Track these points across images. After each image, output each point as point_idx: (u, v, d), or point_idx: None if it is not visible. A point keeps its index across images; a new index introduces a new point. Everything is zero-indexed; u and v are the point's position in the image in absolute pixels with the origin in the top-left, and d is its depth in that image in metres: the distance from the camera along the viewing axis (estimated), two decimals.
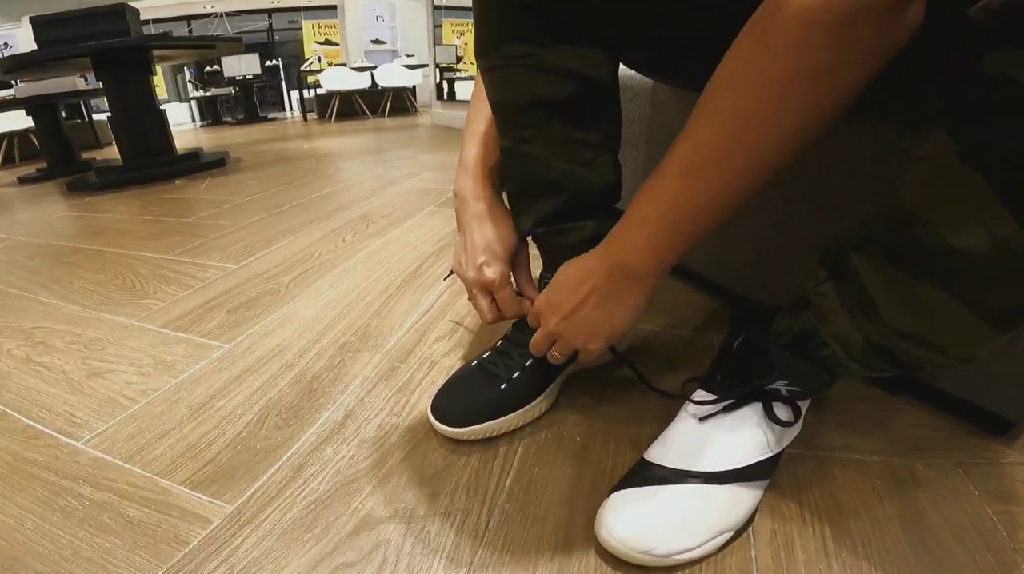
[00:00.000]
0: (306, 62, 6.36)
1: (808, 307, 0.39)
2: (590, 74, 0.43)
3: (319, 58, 6.41)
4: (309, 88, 5.87)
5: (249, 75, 5.64)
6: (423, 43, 6.94)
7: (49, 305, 0.99)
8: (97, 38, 2.06)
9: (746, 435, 0.41)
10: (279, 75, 6.92)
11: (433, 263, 1.04)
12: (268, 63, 5.89)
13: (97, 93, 2.80)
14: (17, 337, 0.86)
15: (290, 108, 7.23)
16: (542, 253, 0.55)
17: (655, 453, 0.44)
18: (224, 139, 4.23)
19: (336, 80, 5.32)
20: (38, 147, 3.20)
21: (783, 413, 0.42)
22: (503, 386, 0.53)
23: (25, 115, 2.98)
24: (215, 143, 3.86)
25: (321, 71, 5.56)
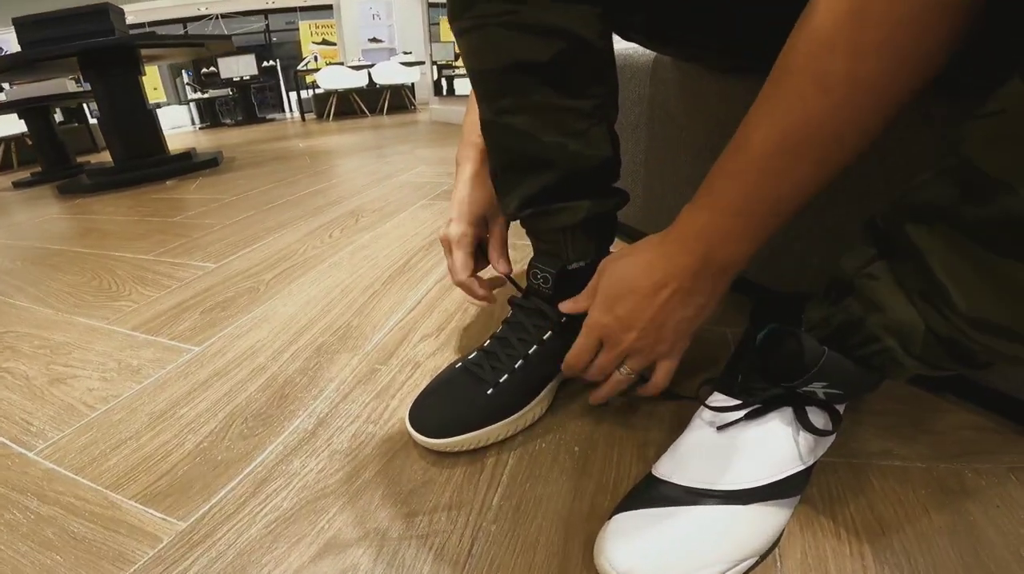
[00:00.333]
0: (302, 62, 6.33)
1: (852, 293, 0.32)
2: (578, 32, 0.38)
3: (315, 57, 6.37)
4: (307, 88, 5.84)
5: (246, 76, 5.61)
6: (420, 40, 6.91)
7: (22, 308, 0.96)
8: (81, 38, 2.02)
9: (774, 446, 0.35)
10: (277, 76, 6.90)
11: (423, 257, 0.98)
12: (265, 64, 5.85)
13: (88, 95, 2.76)
14: None
15: (289, 109, 7.21)
16: (532, 239, 0.49)
17: (665, 468, 0.37)
18: (220, 140, 4.20)
19: (333, 79, 5.28)
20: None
21: (819, 419, 0.36)
22: (490, 391, 0.46)
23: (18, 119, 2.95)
24: (211, 144, 3.82)
25: (318, 70, 5.52)
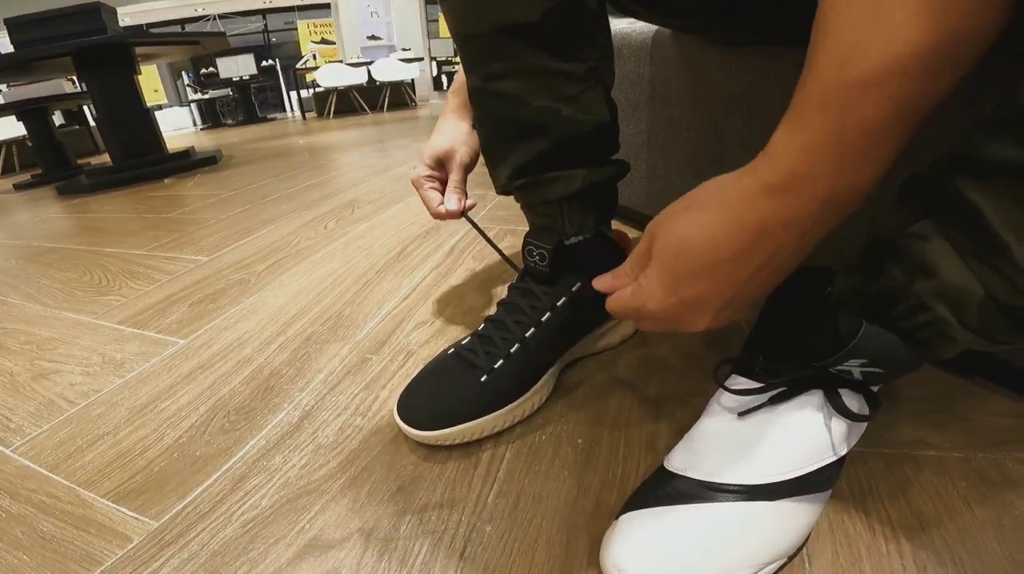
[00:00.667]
0: (301, 60, 6.30)
1: (895, 257, 0.28)
2: None
3: (314, 56, 6.34)
4: (307, 87, 5.82)
5: (245, 76, 5.60)
6: (419, 37, 6.87)
7: (12, 305, 0.94)
8: (74, 37, 2.00)
9: (804, 434, 0.31)
10: (277, 76, 6.88)
11: (419, 245, 0.95)
12: (264, 63, 5.84)
13: (85, 96, 2.74)
14: None
15: (290, 108, 7.19)
16: (526, 213, 0.45)
17: (678, 460, 0.33)
18: (221, 139, 4.18)
19: (332, 77, 5.25)
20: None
21: (853, 403, 0.32)
22: (483, 378, 0.43)
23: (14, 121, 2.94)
24: (211, 144, 3.81)
25: (317, 69, 5.49)
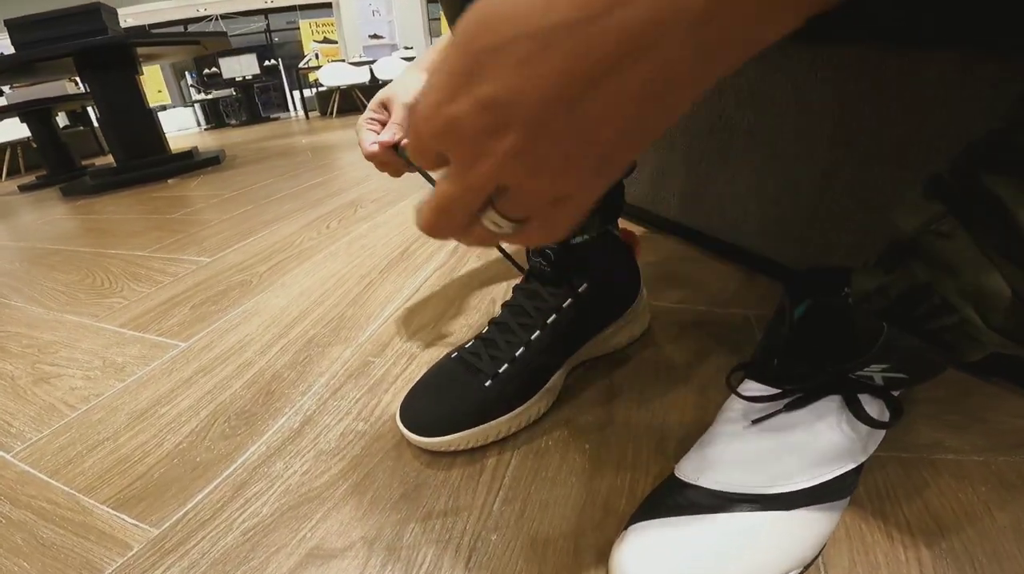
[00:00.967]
0: (303, 60, 6.30)
1: (917, 255, 0.27)
2: None
3: (316, 55, 6.33)
4: (310, 87, 5.81)
5: (248, 76, 5.60)
6: (421, 35, 6.85)
7: (15, 308, 0.94)
8: (74, 38, 2.00)
9: (821, 441, 0.30)
10: (280, 75, 6.88)
11: (422, 244, 0.94)
12: (267, 63, 5.83)
13: (88, 97, 2.74)
14: None
15: (293, 108, 7.19)
16: None
17: (690, 468, 0.32)
18: (224, 139, 4.19)
19: (335, 76, 5.25)
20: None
21: (874, 408, 0.30)
22: (488, 383, 0.42)
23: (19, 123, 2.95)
24: (215, 144, 3.81)
25: (319, 68, 5.49)
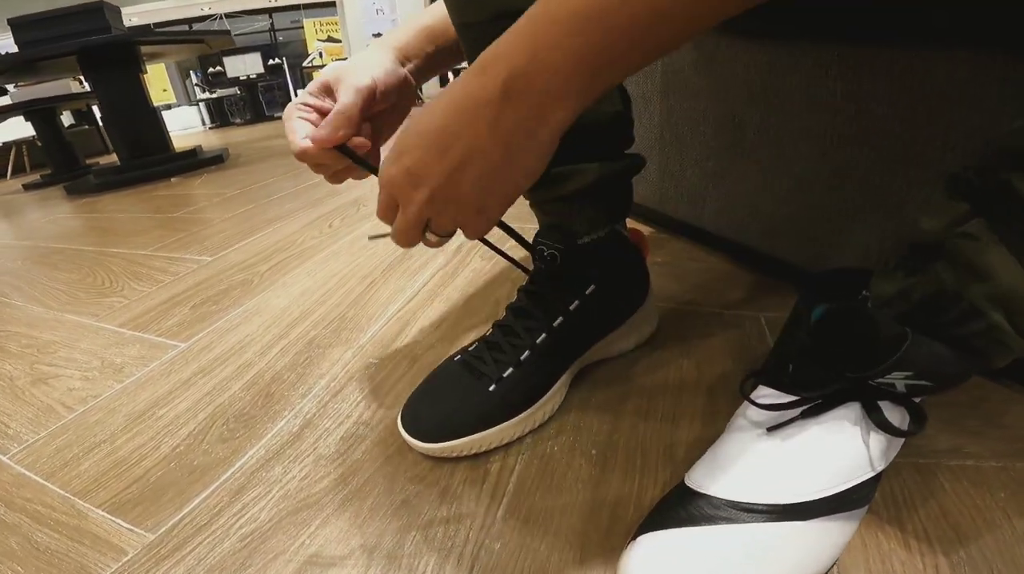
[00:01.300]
0: (308, 58, 6.31)
1: (942, 259, 0.26)
2: None
3: (320, 54, 6.34)
4: None
5: (252, 75, 5.61)
6: None
7: (16, 307, 0.94)
8: (77, 37, 2.00)
9: (840, 450, 0.29)
10: (284, 74, 6.89)
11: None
12: (271, 62, 5.84)
13: (92, 96, 2.75)
14: None
15: None
16: (535, 211, 0.43)
17: (702, 477, 0.31)
18: (228, 138, 4.20)
19: None
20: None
21: (895, 416, 0.29)
22: (492, 387, 0.41)
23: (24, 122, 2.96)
24: (219, 142, 3.82)
25: (323, 66, 5.49)
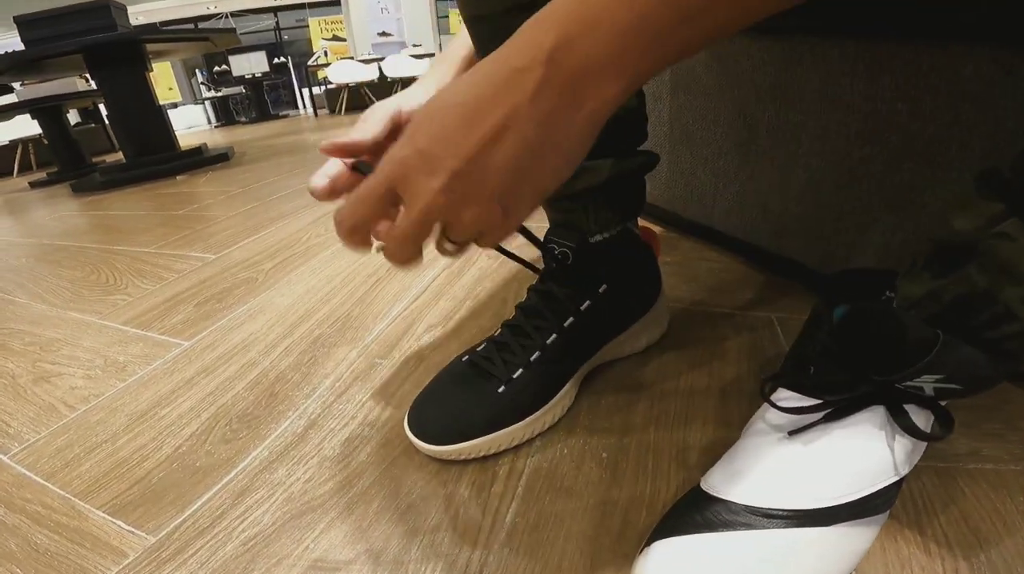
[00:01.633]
0: (312, 57, 6.31)
1: (975, 260, 0.25)
2: None
3: (325, 52, 6.34)
4: (319, 84, 5.82)
5: (258, 73, 5.62)
6: (430, 33, 6.84)
7: (20, 305, 0.93)
8: (83, 34, 2.01)
9: (863, 454, 0.28)
10: (289, 73, 6.90)
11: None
12: (276, 61, 5.85)
13: (98, 94, 2.76)
14: None
15: (302, 105, 7.22)
16: (545, 209, 0.42)
17: (718, 481, 0.30)
18: (234, 136, 4.21)
19: (344, 73, 5.25)
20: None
21: (920, 419, 0.28)
22: (501, 389, 0.40)
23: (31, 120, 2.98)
24: (224, 141, 3.83)
25: (328, 65, 5.50)
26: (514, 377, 0.40)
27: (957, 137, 0.45)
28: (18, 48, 2.08)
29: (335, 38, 7.06)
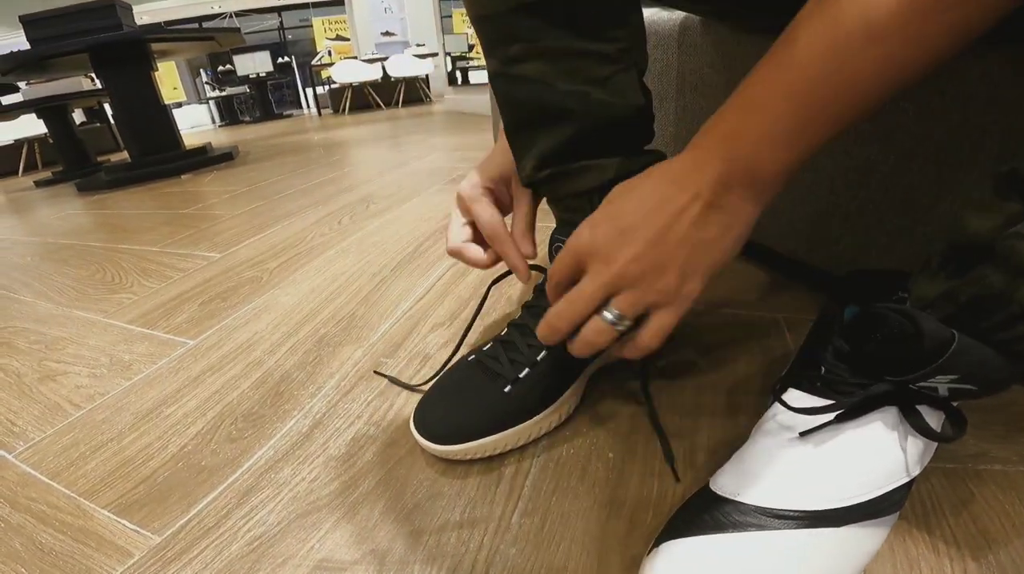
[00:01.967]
0: (316, 57, 6.33)
1: (992, 260, 0.24)
2: None
3: (328, 52, 6.36)
4: (323, 84, 5.84)
5: (262, 73, 5.63)
6: (433, 32, 6.86)
7: (25, 303, 0.94)
8: (89, 34, 2.01)
9: (874, 455, 0.28)
10: (293, 73, 6.92)
11: (435, 242, 0.92)
12: (280, 60, 5.87)
13: (103, 93, 2.77)
14: None
15: (306, 105, 7.24)
16: (553, 208, 0.42)
17: (728, 482, 0.30)
18: (238, 136, 4.22)
19: (347, 73, 5.26)
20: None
21: (933, 420, 0.28)
22: (507, 388, 0.39)
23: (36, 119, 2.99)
24: (228, 140, 3.84)
25: (332, 65, 5.51)
26: (520, 377, 0.40)
27: (967, 138, 0.44)
28: (24, 47, 2.09)
29: (339, 38, 7.08)
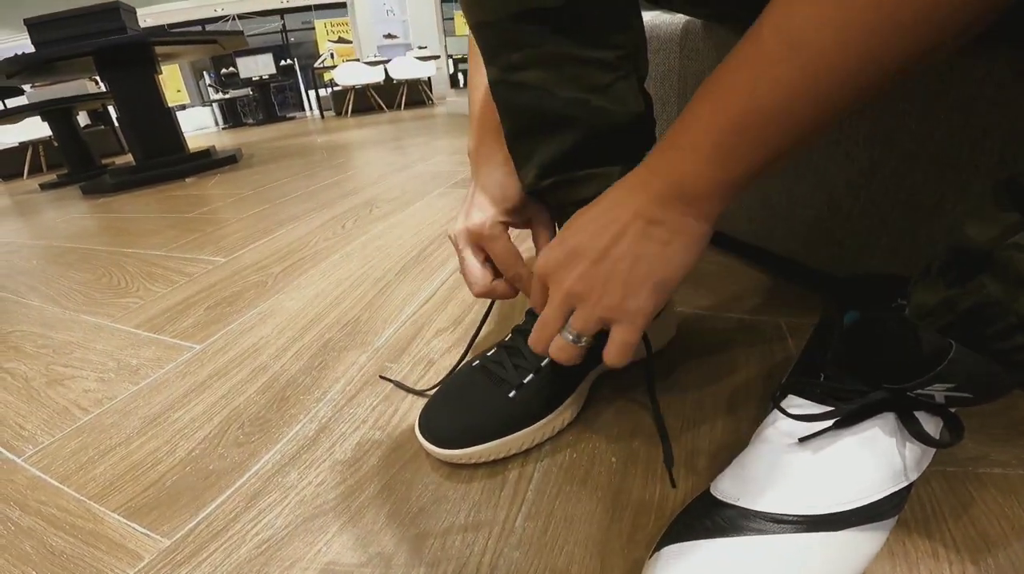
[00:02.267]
0: (319, 59, 6.35)
1: (990, 270, 0.25)
2: None
3: (331, 55, 6.38)
4: (325, 86, 5.86)
5: (265, 76, 5.66)
6: (435, 35, 6.87)
7: (32, 307, 0.94)
8: (93, 37, 2.03)
9: (873, 460, 0.28)
10: (296, 75, 6.95)
11: (439, 246, 0.93)
12: (283, 63, 5.89)
13: (108, 96, 2.78)
14: None
15: (309, 107, 7.26)
16: (556, 217, 0.42)
17: (728, 487, 0.30)
18: (241, 138, 4.24)
19: (350, 75, 5.28)
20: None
21: (930, 426, 0.28)
22: (512, 393, 0.40)
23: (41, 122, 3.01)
24: (232, 143, 3.85)
25: (334, 67, 5.53)
26: (525, 382, 0.40)
27: (969, 139, 0.44)
28: (29, 51, 2.11)
29: (341, 40, 7.11)
